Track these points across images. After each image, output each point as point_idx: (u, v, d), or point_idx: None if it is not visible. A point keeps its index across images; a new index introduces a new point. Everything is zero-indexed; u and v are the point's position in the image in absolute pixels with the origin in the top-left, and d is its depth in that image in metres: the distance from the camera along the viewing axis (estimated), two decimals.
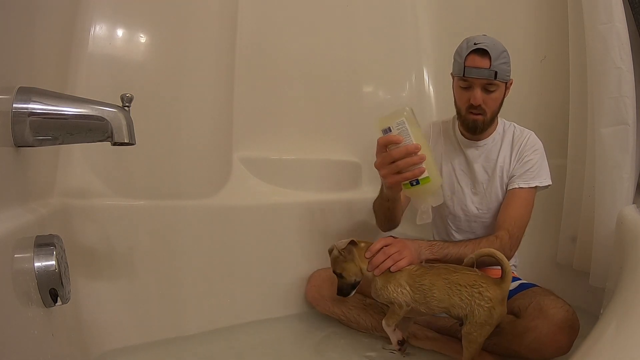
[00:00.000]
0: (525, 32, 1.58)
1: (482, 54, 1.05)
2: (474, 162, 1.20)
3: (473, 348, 0.93)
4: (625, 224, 0.99)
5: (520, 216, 1.11)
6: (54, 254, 0.64)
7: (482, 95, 1.08)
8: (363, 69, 1.68)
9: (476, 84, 1.08)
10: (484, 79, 1.06)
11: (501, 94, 1.11)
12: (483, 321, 0.91)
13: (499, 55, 1.05)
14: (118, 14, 1.11)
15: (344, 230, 1.43)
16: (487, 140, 1.19)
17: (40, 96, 0.63)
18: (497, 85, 1.08)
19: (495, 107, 1.12)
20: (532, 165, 1.13)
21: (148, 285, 1.12)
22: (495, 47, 1.06)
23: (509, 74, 1.10)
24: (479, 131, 1.15)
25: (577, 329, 0.94)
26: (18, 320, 0.55)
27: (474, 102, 1.09)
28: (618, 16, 1.08)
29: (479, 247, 1.02)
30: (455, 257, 1.04)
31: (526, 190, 1.13)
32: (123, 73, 1.11)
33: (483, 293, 0.92)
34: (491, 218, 1.19)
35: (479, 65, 1.05)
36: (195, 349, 1.11)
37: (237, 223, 1.27)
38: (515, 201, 1.13)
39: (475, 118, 1.12)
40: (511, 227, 1.09)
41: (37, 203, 0.80)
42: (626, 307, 0.65)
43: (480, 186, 1.19)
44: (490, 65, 1.04)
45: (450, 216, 1.24)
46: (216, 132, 1.31)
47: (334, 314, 1.24)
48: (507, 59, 1.08)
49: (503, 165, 1.16)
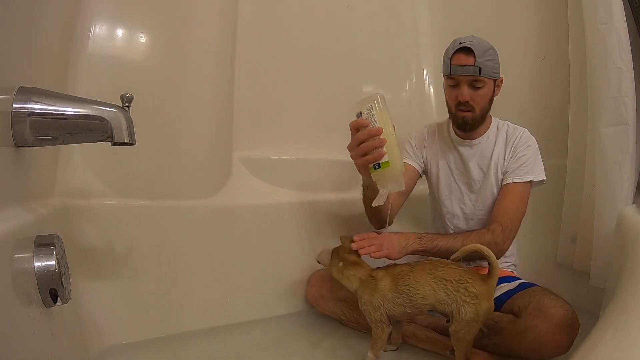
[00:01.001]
0: (525, 32, 1.58)
1: (467, 52, 1.08)
2: (469, 160, 1.20)
3: (463, 346, 0.92)
4: (625, 224, 0.99)
5: (514, 209, 1.11)
6: (54, 254, 0.64)
7: (470, 92, 1.11)
8: (363, 69, 1.68)
9: (463, 81, 1.11)
10: (469, 76, 1.09)
11: (489, 90, 1.13)
12: (469, 318, 0.90)
13: (483, 52, 1.08)
14: (118, 14, 1.11)
15: (343, 231, 1.43)
16: (480, 139, 1.20)
17: (40, 96, 0.63)
18: (484, 82, 1.10)
19: (483, 103, 1.13)
20: (526, 161, 1.14)
21: (148, 284, 1.12)
22: (481, 45, 1.09)
23: (497, 71, 1.12)
24: (469, 128, 1.16)
25: (577, 328, 0.94)
26: (18, 320, 0.55)
27: (461, 98, 1.12)
28: (618, 16, 1.08)
29: (468, 240, 1.03)
30: (445, 249, 1.05)
31: (520, 184, 1.13)
32: (123, 73, 1.11)
33: (469, 289, 0.91)
34: (488, 215, 1.19)
35: (464, 63, 1.09)
36: (195, 348, 1.11)
37: (237, 223, 1.27)
38: (509, 195, 1.13)
39: (464, 115, 1.14)
40: (504, 220, 1.09)
41: (37, 203, 0.80)
42: (626, 307, 0.65)
43: (476, 184, 1.20)
44: (474, 62, 1.08)
45: (449, 215, 1.25)
46: (216, 132, 1.31)
47: (334, 313, 1.24)
48: (494, 57, 1.11)
49: (497, 162, 1.17)
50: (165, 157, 1.16)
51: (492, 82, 1.12)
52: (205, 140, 1.26)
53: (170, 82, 1.17)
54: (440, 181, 1.25)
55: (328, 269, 1.08)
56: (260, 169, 1.40)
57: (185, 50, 1.20)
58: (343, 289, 1.08)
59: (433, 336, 1.13)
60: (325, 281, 1.26)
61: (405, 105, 1.78)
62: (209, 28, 1.27)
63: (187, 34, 1.21)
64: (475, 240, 1.04)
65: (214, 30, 1.29)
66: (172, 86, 1.17)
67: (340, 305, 1.23)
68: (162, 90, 1.15)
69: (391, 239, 1.05)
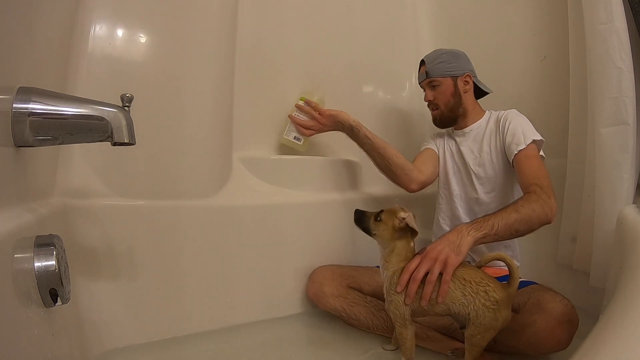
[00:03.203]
0: (525, 32, 1.58)
1: (422, 63, 1.36)
2: (461, 145, 1.33)
3: (476, 351, 0.92)
4: (625, 224, 0.99)
5: (537, 169, 1.11)
6: (54, 254, 0.64)
7: (431, 92, 1.34)
8: (363, 69, 1.68)
9: (424, 85, 1.36)
10: (424, 80, 1.34)
11: (448, 87, 1.31)
12: (487, 324, 0.89)
13: (434, 59, 1.32)
14: (118, 14, 1.11)
15: (343, 230, 1.43)
16: (472, 127, 1.33)
17: (40, 96, 0.63)
18: (438, 81, 1.31)
19: (445, 99, 1.31)
20: (517, 128, 1.18)
21: (148, 285, 1.12)
22: (434, 53, 1.34)
23: (451, 70, 1.30)
24: (439, 123, 1.36)
25: (576, 324, 0.94)
26: (18, 320, 0.55)
27: (424, 99, 1.37)
28: (618, 16, 1.08)
29: (517, 209, 0.99)
30: (503, 226, 0.98)
31: (526, 149, 1.14)
32: (123, 73, 1.11)
33: (489, 293, 0.90)
34: (489, 192, 1.26)
35: (420, 72, 1.37)
36: (196, 349, 1.11)
37: (237, 223, 1.27)
38: (525, 162, 1.13)
39: (434, 113, 1.36)
40: (537, 181, 1.07)
41: (37, 203, 0.80)
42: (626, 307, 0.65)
43: (472, 165, 1.29)
44: (426, 69, 1.33)
45: (455, 193, 1.33)
46: (216, 132, 1.31)
47: (335, 310, 1.24)
48: (446, 59, 1.31)
49: (490, 142, 1.26)
50: (165, 157, 1.16)
51: (450, 79, 1.30)
52: (205, 140, 1.26)
53: (170, 82, 1.17)
54: (446, 163, 1.38)
55: (385, 229, 1.00)
56: (260, 169, 1.40)
57: (185, 50, 1.20)
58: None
59: (434, 335, 1.13)
60: (327, 278, 1.27)
61: (405, 105, 1.78)
62: (209, 28, 1.27)
63: (187, 34, 1.21)
64: (525, 208, 1.00)
65: (214, 30, 1.29)
66: (172, 86, 1.17)
67: (341, 302, 1.23)
68: (162, 90, 1.15)
69: (440, 250, 0.94)
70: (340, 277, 1.27)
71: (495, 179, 1.25)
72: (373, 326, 1.19)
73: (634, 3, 1.12)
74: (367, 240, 1.05)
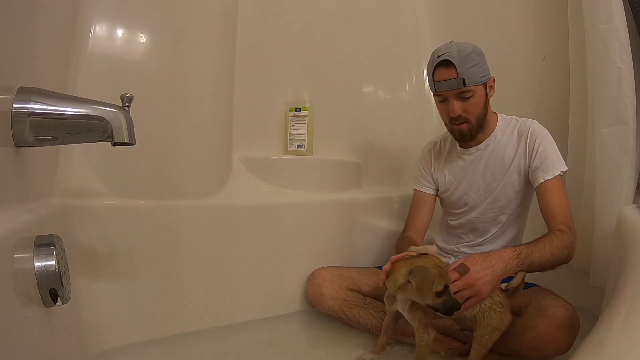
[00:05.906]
0: (525, 32, 1.58)
1: (447, 65, 1.04)
2: (477, 165, 1.18)
3: (482, 352, 0.94)
4: (625, 224, 0.99)
5: (564, 205, 1.06)
6: (54, 254, 0.64)
7: (460, 104, 1.07)
8: (363, 69, 1.68)
9: (450, 96, 1.07)
10: (454, 90, 1.05)
11: (481, 97, 1.08)
12: (495, 325, 0.92)
13: (464, 60, 1.03)
14: (118, 14, 1.11)
15: (343, 230, 1.43)
16: (488, 141, 1.17)
17: (40, 96, 0.63)
18: (472, 91, 1.06)
19: (477, 111, 1.09)
20: (548, 154, 1.08)
21: (148, 284, 1.12)
22: (460, 52, 1.04)
23: (484, 74, 1.07)
24: (468, 138, 1.14)
25: (577, 328, 0.94)
26: (18, 320, 0.55)
27: (452, 114, 1.08)
28: (618, 16, 1.08)
29: (553, 251, 0.96)
30: (537, 266, 0.95)
31: (554, 180, 1.07)
32: (123, 73, 1.11)
33: (494, 297, 0.93)
34: (499, 216, 1.16)
35: (446, 78, 1.05)
36: (195, 348, 1.11)
37: (237, 223, 1.27)
38: (553, 193, 1.06)
39: (460, 127, 1.11)
40: (565, 219, 1.03)
41: (37, 203, 0.80)
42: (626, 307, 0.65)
43: (486, 187, 1.16)
44: (457, 74, 1.03)
45: (462, 220, 1.22)
46: (216, 132, 1.31)
47: (334, 312, 1.24)
48: (478, 60, 1.05)
49: (514, 160, 1.12)
50: (165, 157, 1.16)
51: (482, 86, 1.08)
52: (205, 140, 1.26)
53: (170, 82, 1.17)
54: (449, 189, 1.23)
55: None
56: (260, 169, 1.40)
57: (185, 50, 1.20)
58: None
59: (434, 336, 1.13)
60: (326, 280, 1.27)
61: (405, 105, 1.78)
62: (209, 28, 1.27)
63: (187, 34, 1.21)
64: (557, 245, 0.97)
65: (214, 30, 1.29)
66: (172, 86, 1.17)
67: (340, 304, 1.23)
68: (162, 90, 1.15)
69: (478, 279, 0.88)
70: (339, 278, 1.27)
71: (513, 195, 1.14)
72: (372, 327, 1.19)
73: (634, 3, 1.12)
74: (366, 240, 1.06)
